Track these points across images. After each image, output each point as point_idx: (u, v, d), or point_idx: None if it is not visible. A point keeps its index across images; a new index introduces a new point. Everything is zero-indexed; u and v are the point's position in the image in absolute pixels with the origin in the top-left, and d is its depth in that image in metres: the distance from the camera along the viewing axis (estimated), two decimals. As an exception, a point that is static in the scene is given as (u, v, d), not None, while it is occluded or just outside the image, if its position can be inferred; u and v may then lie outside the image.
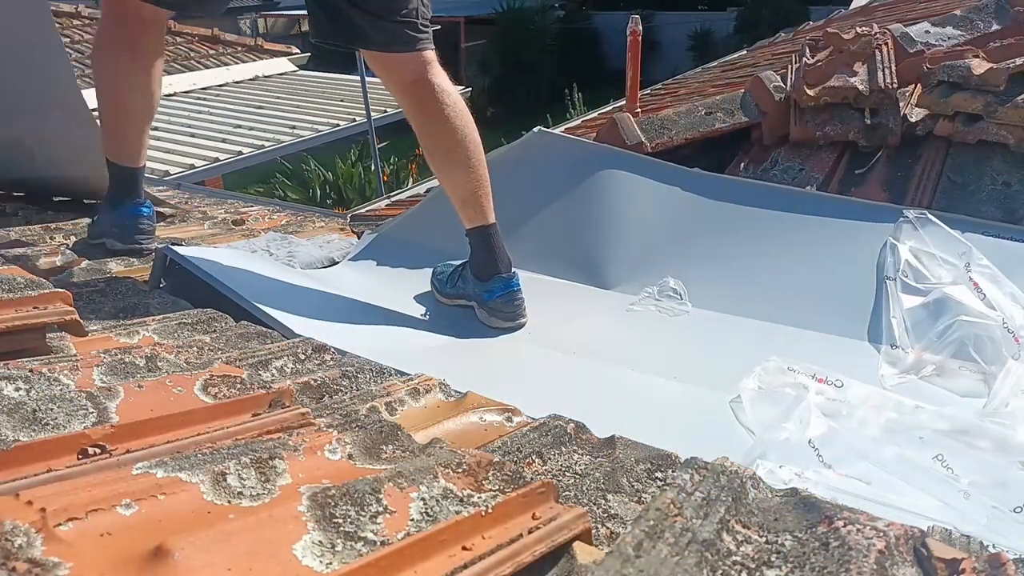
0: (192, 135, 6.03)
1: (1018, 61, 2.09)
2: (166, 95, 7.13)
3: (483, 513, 0.71)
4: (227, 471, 0.72)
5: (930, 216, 1.86)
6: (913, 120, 2.25)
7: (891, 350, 1.64)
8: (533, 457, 0.96)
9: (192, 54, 8.28)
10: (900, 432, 1.35)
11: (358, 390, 1.14)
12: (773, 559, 0.70)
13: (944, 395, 1.52)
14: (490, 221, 1.84)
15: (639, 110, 2.79)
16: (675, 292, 1.91)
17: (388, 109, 7.35)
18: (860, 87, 2.24)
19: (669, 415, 1.48)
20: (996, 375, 1.49)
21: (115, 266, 1.80)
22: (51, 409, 0.84)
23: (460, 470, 0.79)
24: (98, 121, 1.90)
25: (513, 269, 1.86)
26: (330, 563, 0.63)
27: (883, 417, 1.38)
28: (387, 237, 2.29)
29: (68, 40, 7.55)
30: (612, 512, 0.86)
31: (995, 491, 1.19)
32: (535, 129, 2.40)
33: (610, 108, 5.25)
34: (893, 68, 2.29)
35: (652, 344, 1.76)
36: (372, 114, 6.72)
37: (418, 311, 1.94)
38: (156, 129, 6.11)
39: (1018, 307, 1.63)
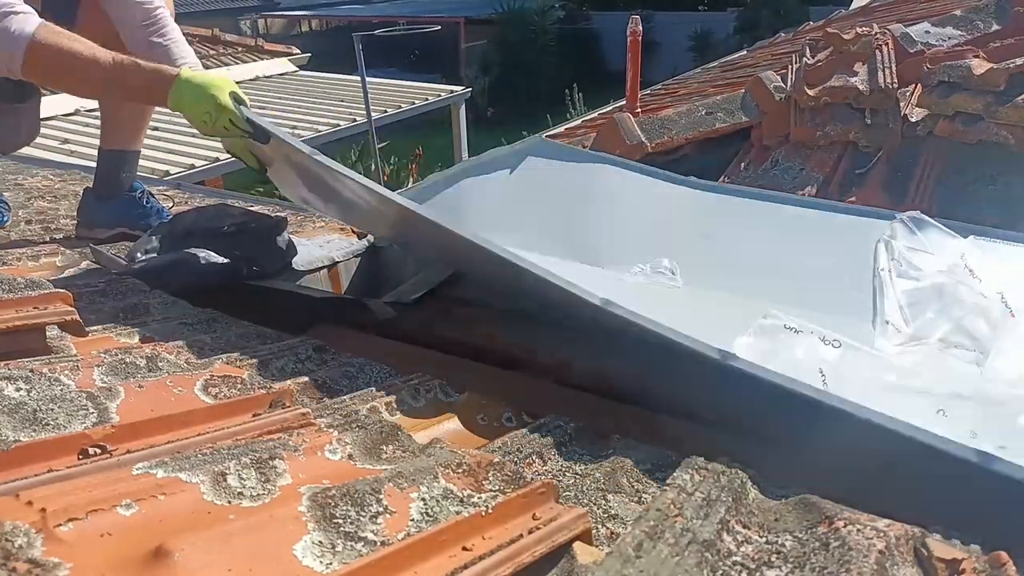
0: (192, 135, 6.03)
1: (1018, 61, 2.09)
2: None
3: (483, 513, 0.71)
4: (227, 471, 0.72)
5: (925, 217, 1.86)
6: (913, 120, 2.25)
7: (886, 327, 1.63)
8: (533, 457, 0.96)
9: (192, 54, 8.27)
10: (900, 392, 1.33)
11: (358, 390, 1.14)
12: (773, 559, 0.70)
13: (941, 366, 1.50)
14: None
15: (639, 110, 2.79)
16: (667, 269, 1.88)
17: (388, 109, 7.35)
18: (860, 87, 2.24)
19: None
20: (991, 353, 1.47)
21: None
22: (51, 409, 0.84)
23: (460, 470, 0.79)
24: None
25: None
26: (330, 563, 0.63)
27: (883, 379, 1.37)
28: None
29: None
30: (612, 512, 0.86)
31: (1000, 443, 1.18)
32: (538, 135, 2.40)
33: (610, 108, 5.24)
34: (893, 68, 2.29)
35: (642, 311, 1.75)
36: (372, 114, 6.73)
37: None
38: (156, 129, 6.10)
39: (1013, 295, 1.61)
